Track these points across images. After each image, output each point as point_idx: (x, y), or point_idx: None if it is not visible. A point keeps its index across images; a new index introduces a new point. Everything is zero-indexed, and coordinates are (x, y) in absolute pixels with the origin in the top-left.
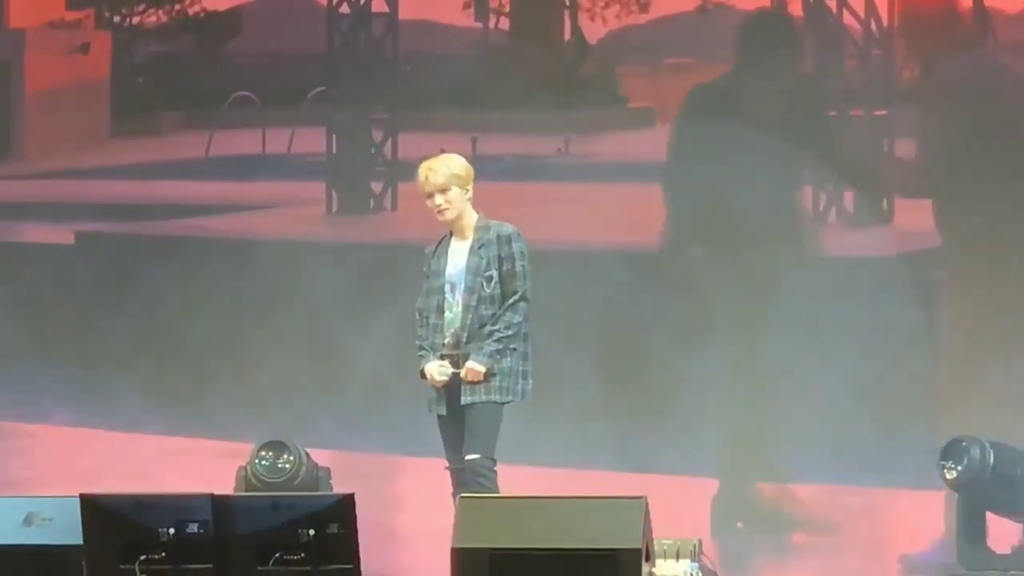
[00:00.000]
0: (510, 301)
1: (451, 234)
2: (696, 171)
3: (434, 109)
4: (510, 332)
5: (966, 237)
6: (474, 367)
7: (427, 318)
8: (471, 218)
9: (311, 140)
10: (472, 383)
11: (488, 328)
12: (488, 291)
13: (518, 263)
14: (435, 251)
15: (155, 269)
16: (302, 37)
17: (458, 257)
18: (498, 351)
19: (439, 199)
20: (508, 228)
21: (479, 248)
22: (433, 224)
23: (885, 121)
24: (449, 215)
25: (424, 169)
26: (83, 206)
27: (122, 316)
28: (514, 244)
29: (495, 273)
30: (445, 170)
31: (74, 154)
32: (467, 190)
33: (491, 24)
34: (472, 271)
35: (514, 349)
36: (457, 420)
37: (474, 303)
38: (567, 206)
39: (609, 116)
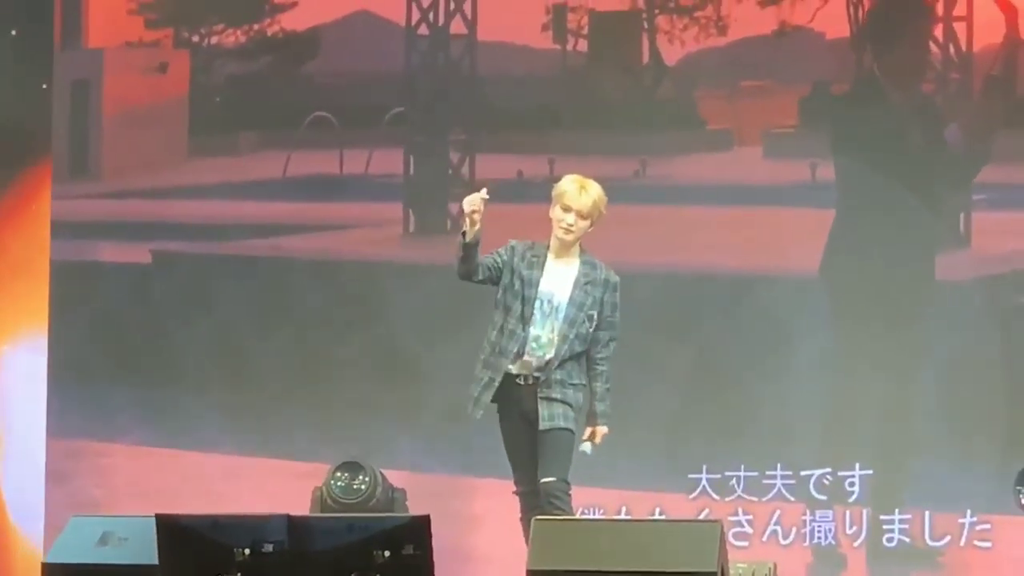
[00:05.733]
0: (606, 353)
1: (547, 248)
2: None
3: (512, 130)
4: (608, 385)
5: None
6: (605, 431)
7: (501, 320)
8: (576, 247)
9: (389, 161)
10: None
11: (601, 387)
12: (585, 329)
13: (616, 313)
14: (525, 254)
15: (231, 289)
16: (380, 58)
17: (559, 280)
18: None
19: (572, 219)
20: (615, 277)
21: (585, 284)
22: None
23: None
24: (570, 238)
25: (577, 185)
26: (160, 225)
27: (198, 336)
28: (617, 295)
29: (595, 315)
30: (598, 200)
31: (151, 173)
32: (592, 226)
33: (569, 46)
34: (576, 305)
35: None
36: (526, 442)
37: (572, 336)
38: (643, 228)
39: (687, 138)
